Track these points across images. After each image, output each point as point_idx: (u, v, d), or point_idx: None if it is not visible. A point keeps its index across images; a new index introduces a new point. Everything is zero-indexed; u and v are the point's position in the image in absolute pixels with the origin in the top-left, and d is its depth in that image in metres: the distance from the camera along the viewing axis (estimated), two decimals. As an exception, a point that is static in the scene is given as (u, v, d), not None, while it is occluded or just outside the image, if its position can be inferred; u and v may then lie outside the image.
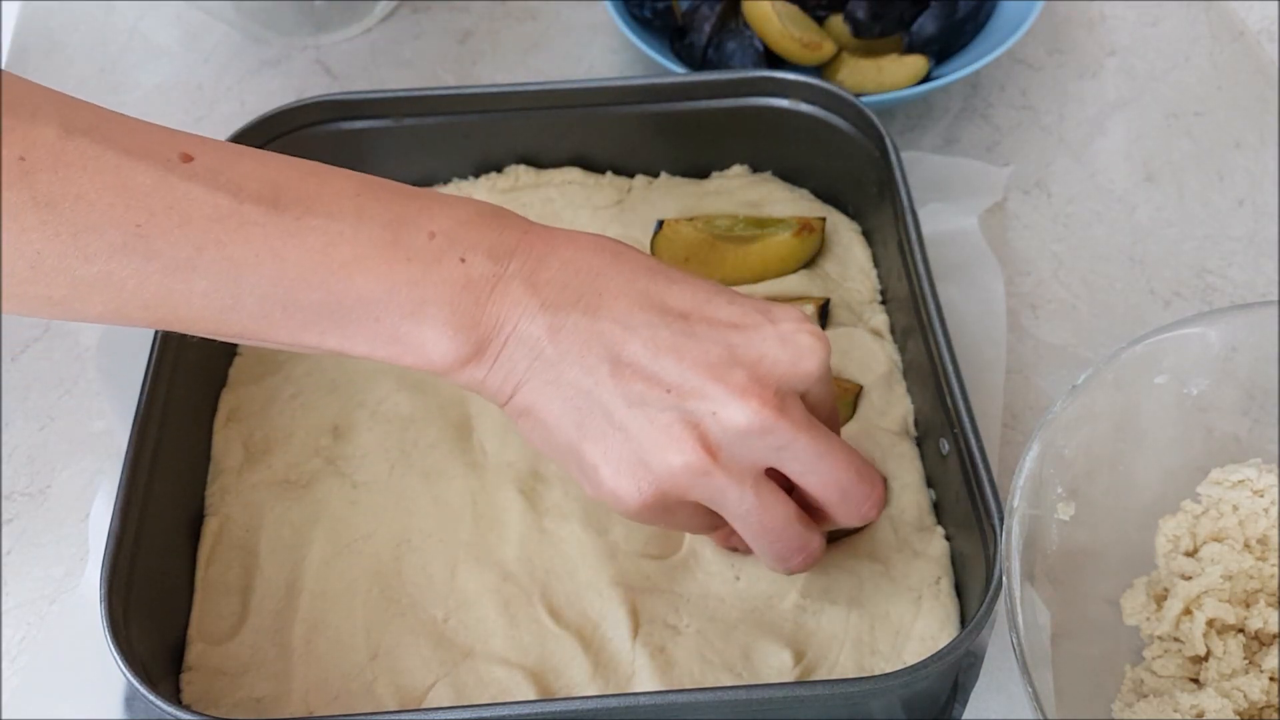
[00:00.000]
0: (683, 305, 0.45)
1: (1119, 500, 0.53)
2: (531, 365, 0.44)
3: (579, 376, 0.43)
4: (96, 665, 0.53)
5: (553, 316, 0.43)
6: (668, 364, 0.43)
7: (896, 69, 0.76)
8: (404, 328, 0.43)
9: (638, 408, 0.43)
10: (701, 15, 0.78)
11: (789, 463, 0.45)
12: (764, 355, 0.44)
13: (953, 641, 0.46)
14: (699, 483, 0.44)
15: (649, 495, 0.44)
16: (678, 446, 0.43)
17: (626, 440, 0.43)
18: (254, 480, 0.59)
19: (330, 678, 0.52)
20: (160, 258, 0.41)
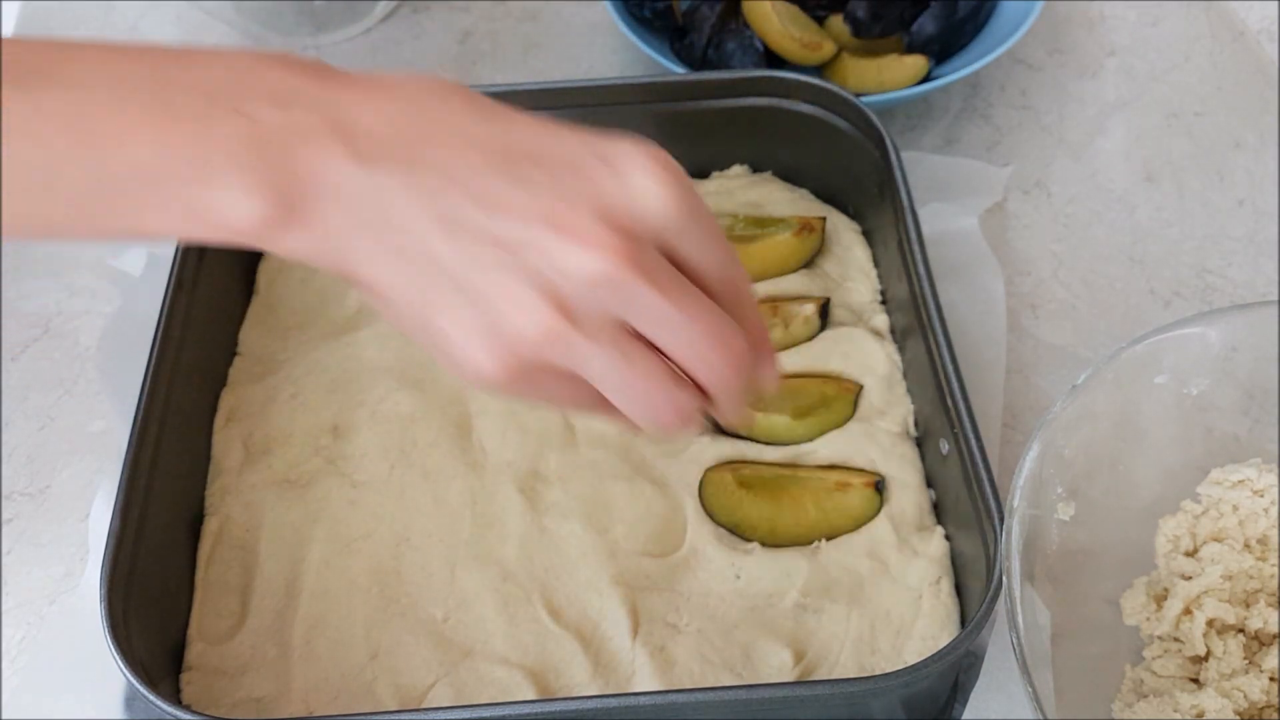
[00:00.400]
0: (515, 146, 0.40)
1: (1119, 500, 0.53)
2: (356, 231, 0.39)
3: (409, 241, 0.39)
4: (96, 665, 0.53)
5: (368, 172, 0.38)
6: (501, 218, 0.39)
7: (896, 69, 0.76)
8: (193, 195, 0.38)
9: (479, 271, 0.39)
10: (701, 15, 0.78)
11: (639, 319, 0.40)
12: (605, 197, 0.39)
13: (953, 641, 0.46)
14: (556, 346, 0.39)
15: (509, 365, 0.40)
16: (527, 309, 0.39)
17: (473, 308, 0.39)
18: (254, 480, 0.59)
19: (330, 677, 0.52)
20: None
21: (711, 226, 0.42)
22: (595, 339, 0.40)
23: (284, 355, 0.64)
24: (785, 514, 0.55)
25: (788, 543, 0.55)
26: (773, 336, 0.61)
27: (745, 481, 0.56)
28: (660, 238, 0.40)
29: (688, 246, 0.41)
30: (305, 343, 0.64)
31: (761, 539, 0.55)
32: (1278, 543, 0.51)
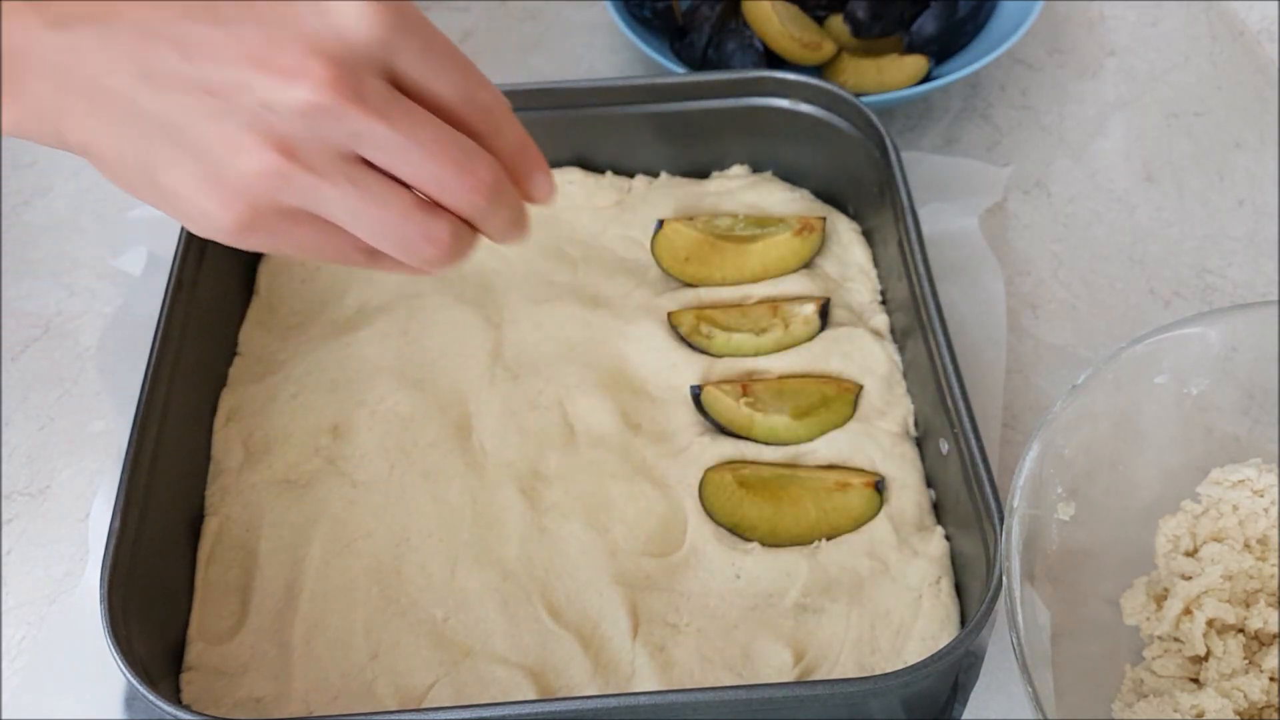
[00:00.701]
0: None
1: (1119, 500, 0.53)
2: (61, 99, 0.39)
3: (115, 101, 0.38)
4: (96, 665, 0.53)
5: (65, 35, 0.38)
6: (205, 64, 0.38)
7: (896, 69, 0.76)
8: None
9: (192, 121, 0.38)
10: (701, 15, 0.78)
11: (372, 152, 0.39)
12: (306, 31, 0.38)
13: (952, 641, 0.46)
14: (284, 186, 0.39)
15: (241, 213, 0.39)
16: (245, 151, 0.38)
17: (195, 159, 0.39)
18: (254, 480, 0.59)
19: (330, 677, 0.52)
20: None
21: (443, 48, 0.40)
22: (322, 173, 0.39)
23: (284, 355, 0.64)
24: (785, 514, 0.55)
25: (788, 543, 0.55)
26: (773, 337, 0.61)
27: (745, 482, 0.56)
28: (377, 62, 0.39)
29: (411, 69, 0.40)
30: (305, 343, 0.64)
31: (761, 539, 0.55)
32: (1278, 543, 0.51)
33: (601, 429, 0.59)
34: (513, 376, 0.62)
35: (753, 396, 0.59)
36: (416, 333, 0.64)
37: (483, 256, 0.67)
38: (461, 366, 0.62)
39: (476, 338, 0.63)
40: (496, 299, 0.65)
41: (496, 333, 0.63)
